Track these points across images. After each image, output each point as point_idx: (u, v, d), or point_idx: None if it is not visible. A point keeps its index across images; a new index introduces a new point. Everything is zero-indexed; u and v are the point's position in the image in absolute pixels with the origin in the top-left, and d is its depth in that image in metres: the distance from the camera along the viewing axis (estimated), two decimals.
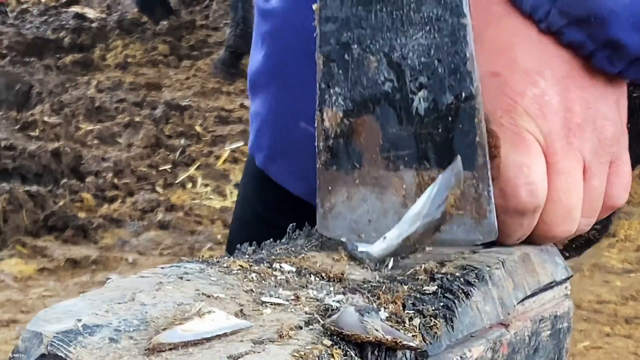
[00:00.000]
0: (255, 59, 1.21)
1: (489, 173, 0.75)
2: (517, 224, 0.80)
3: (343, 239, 0.78)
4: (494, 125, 0.77)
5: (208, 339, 0.58)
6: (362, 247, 0.76)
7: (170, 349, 0.57)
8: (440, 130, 0.75)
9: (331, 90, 0.76)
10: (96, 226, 4.49)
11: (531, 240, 0.83)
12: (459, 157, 0.74)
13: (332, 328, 0.61)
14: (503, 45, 0.79)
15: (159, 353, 0.57)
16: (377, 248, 0.75)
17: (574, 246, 0.93)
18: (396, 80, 0.75)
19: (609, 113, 0.82)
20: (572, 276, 0.87)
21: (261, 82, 1.20)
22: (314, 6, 0.77)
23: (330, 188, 0.78)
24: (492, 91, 0.78)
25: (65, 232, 4.41)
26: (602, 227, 0.92)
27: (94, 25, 7.88)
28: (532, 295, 0.81)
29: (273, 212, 1.24)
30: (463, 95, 0.74)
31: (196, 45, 7.63)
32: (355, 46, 0.76)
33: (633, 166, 0.89)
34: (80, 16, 8.14)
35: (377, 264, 0.74)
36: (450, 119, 0.74)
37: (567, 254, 0.93)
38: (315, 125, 0.78)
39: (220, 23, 8.11)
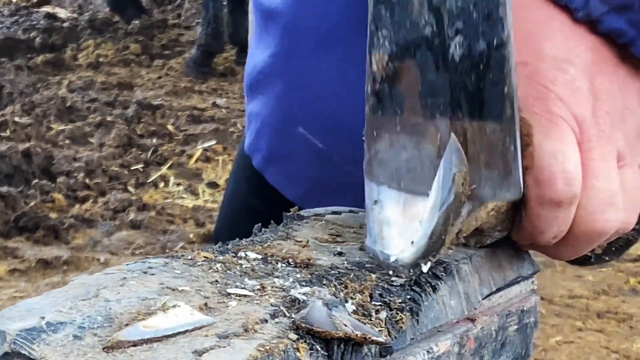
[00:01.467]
0: (257, 58, 1.19)
1: (517, 126, 0.73)
2: (552, 217, 0.77)
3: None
4: (527, 113, 0.76)
5: (170, 336, 0.58)
6: (393, 257, 0.74)
7: (131, 346, 0.57)
8: (472, 79, 0.73)
9: (379, 33, 0.75)
10: (67, 226, 4.46)
11: (576, 239, 0.80)
12: (453, 135, 0.72)
13: (303, 325, 0.61)
14: (528, 35, 0.77)
15: (122, 349, 0.57)
16: (407, 253, 0.73)
17: (614, 249, 0.90)
18: (435, 25, 0.73)
19: (631, 104, 0.80)
20: (538, 271, 0.87)
21: (265, 82, 1.19)
22: None
23: (375, 134, 0.77)
24: (522, 80, 0.76)
25: (37, 232, 4.38)
26: None
27: (65, 25, 7.84)
28: (499, 290, 0.81)
29: (265, 204, 1.24)
30: (495, 42, 0.72)
31: (168, 44, 7.61)
32: None
33: None
34: (51, 16, 8.10)
35: (411, 270, 0.72)
36: (481, 67, 0.72)
37: (607, 258, 0.90)
38: (365, 69, 0.76)
39: (192, 22, 8.08)
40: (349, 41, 1.04)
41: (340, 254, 0.77)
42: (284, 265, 0.72)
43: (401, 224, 0.75)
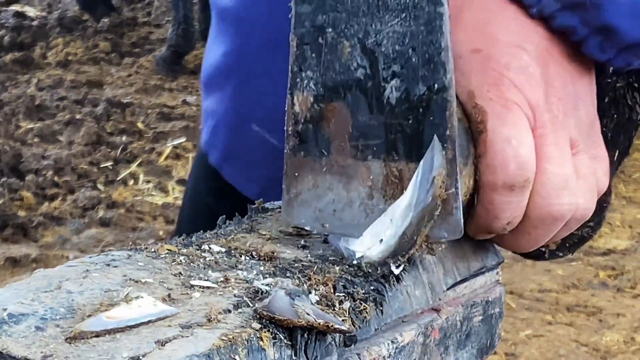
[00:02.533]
0: (212, 55, 1.20)
1: (458, 168, 0.73)
2: (505, 202, 0.77)
3: (318, 231, 0.76)
4: (481, 100, 0.76)
5: (133, 326, 0.58)
6: (359, 253, 0.73)
7: (94, 337, 0.57)
8: (410, 122, 0.72)
9: (303, 74, 0.74)
10: (36, 224, 4.44)
11: (533, 226, 0.80)
12: (435, 138, 0.72)
13: (265, 313, 0.61)
14: (481, 23, 0.78)
15: (85, 340, 0.57)
16: (375, 251, 0.73)
17: (567, 245, 0.90)
18: (369, 67, 0.73)
19: (583, 94, 0.81)
20: (502, 262, 0.88)
21: (218, 80, 1.20)
22: None
23: (297, 174, 0.76)
24: (476, 67, 0.77)
25: (5, 230, 4.36)
26: (596, 224, 0.89)
27: (34, 23, 7.79)
28: (463, 280, 0.81)
29: (222, 201, 1.24)
30: (436, 86, 0.71)
31: (138, 42, 7.58)
32: (330, 30, 0.73)
33: (618, 157, 0.88)
34: (20, 15, 8.04)
35: (379, 268, 0.72)
36: (421, 110, 0.72)
37: (560, 254, 0.91)
38: (286, 108, 0.75)
39: (162, 20, 8.06)
40: None
41: (304, 247, 0.77)
42: (247, 258, 0.72)
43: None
